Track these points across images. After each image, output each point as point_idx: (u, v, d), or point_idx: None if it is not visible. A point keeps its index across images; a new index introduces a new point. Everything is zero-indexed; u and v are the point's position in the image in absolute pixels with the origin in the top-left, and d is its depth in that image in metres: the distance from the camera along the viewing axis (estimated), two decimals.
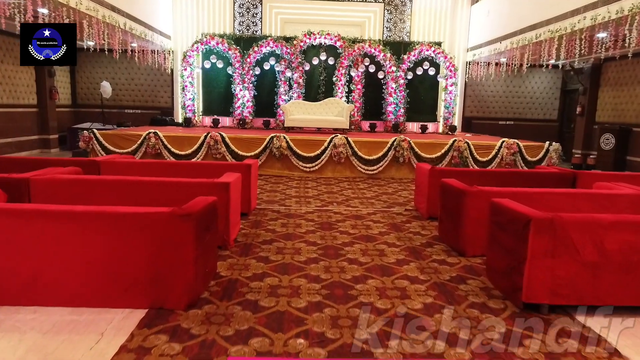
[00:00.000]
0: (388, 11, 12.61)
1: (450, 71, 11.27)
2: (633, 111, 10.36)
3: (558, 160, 8.65)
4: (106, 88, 11.41)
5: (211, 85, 11.45)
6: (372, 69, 11.17)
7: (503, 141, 8.63)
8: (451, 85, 11.36)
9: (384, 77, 11.22)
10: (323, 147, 8.35)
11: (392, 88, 11.16)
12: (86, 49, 11.62)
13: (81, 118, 12.63)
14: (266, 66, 11.14)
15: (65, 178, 3.93)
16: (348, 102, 10.92)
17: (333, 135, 8.50)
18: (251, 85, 11.14)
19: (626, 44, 7.06)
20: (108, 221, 2.76)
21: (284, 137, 8.31)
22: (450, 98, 11.46)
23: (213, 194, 3.51)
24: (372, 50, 11.01)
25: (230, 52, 10.99)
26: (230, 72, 11.16)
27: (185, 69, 11.14)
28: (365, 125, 11.30)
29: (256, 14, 12.46)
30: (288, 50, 10.90)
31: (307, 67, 11.10)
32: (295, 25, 12.24)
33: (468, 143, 8.55)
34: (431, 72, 11.38)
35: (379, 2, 12.55)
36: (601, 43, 7.67)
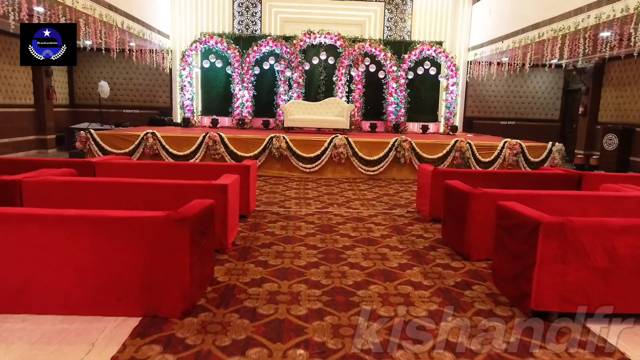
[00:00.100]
0: (388, 10, 12.50)
1: (451, 71, 11.17)
2: (637, 111, 10.26)
3: (561, 160, 8.54)
4: (104, 88, 11.30)
5: (210, 85, 11.35)
6: (373, 69, 11.06)
7: (505, 141, 8.52)
8: (452, 85, 11.25)
9: (385, 77, 11.12)
10: (323, 148, 8.24)
11: (393, 88, 11.06)
12: (83, 49, 11.52)
13: (79, 118, 12.52)
14: (266, 66, 11.03)
15: (58, 180, 3.82)
16: (348, 102, 10.81)
17: (333, 135, 8.39)
18: (250, 85, 11.03)
19: (631, 43, 6.95)
20: (100, 226, 2.65)
21: (284, 138, 8.20)
22: (451, 98, 11.37)
23: (210, 197, 3.41)
24: (373, 49, 10.91)
25: (229, 52, 10.88)
26: (229, 72, 11.06)
27: (183, 69, 11.03)
28: (365, 125, 11.19)
29: (255, 13, 12.35)
30: (288, 49, 10.79)
31: (307, 67, 10.99)
32: (295, 24, 12.12)
33: (470, 143, 8.44)
34: (432, 72, 11.29)
35: (380, 1, 12.44)
36: (606, 42, 7.56)
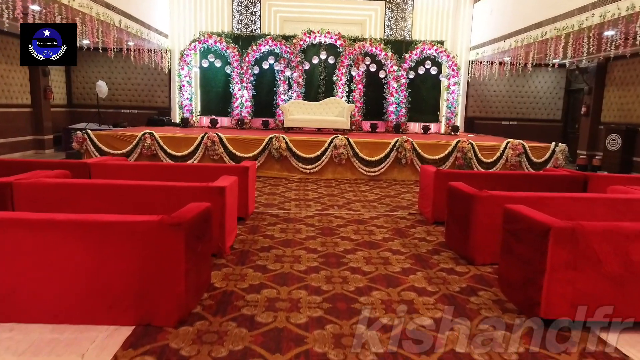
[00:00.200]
0: (389, 9, 12.39)
1: (452, 70, 11.06)
2: None
3: (564, 161, 8.43)
4: (102, 87, 11.18)
5: (209, 84, 11.24)
6: (373, 68, 10.96)
7: (508, 142, 8.41)
8: (453, 84, 11.15)
9: (385, 77, 11.02)
10: (323, 148, 8.13)
11: (394, 88, 10.95)
12: (80, 48, 11.39)
13: (77, 118, 12.40)
14: (265, 65, 10.93)
15: (50, 182, 3.70)
16: (349, 102, 10.70)
17: (333, 135, 8.28)
18: (250, 84, 10.92)
19: (637, 42, 6.84)
20: (91, 231, 2.53)
21: (283, 138, 8.09)
22: (452, 98, 11.26)
23: (208, 199, 3.30)
24: (373, 49, 10.80)
25: (228, 51, 10.77)
26: (228, 72, 10.95)
27: (182, 68, 10.93)
28: (366, 125, 11.08)
29: (255, 12, 12.23)
30: (287, 49, 10.69)
31: (307, 66, 10.88)
32: (294, 23, 12.01)
33: (472, 144, 8.33)
34: (433, 72, 11.20)
35: (380, 0, 12.33)
36: (610, 41, 7.44)
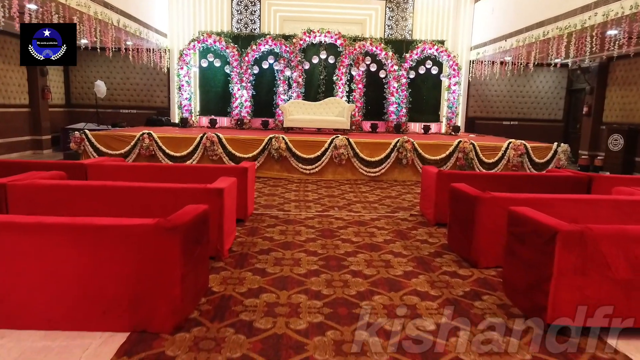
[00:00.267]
0: (390, 9, 12.31)
1: (453, 70, 10.99)
2: None
3: (567, 162, 8.36)
4: (101, 87, 11.12)
5: (208, 84, 11.16)
6: (374, 68, 10.89)
7: (510, 142, 8.33)
8: (454, 84, 11.08)
9: (386, 76, 10.95)
10: (323, 149, 8.05)
11: (394, 87, 10.88)
12: (78, 47, 11.31)
13: (75, 118, 12.31)
14: (265, 65, 10.85)
15: (45, 184, 3.63)
16: (349, 102, 10.63)
17: (333, 136, 8.20)
18: (249, 84, 10.85)
19: None
20: (85, 234, 2.46)
21: (283, 138, 8.02)
22: (453, 98, 11.19)
23: (206, 201, 3.23)
24: (374, 48, 10.73)
25: (227, 51, 10.70)
26: (227, 71, 10.88)
27: (181, 68, 10.85)
28: (366, 125, 11.01)
29: (254, 12, 12.15)
30: (287, 48, 10.61)
31: (307, 66, 10.81)
32: (294, 23, 11.93)
33: (473, 144, 8.26)
34: (434, 71, 11.13)
35: (381, 0, 12.25)
36: (613, 40, 7.37)
